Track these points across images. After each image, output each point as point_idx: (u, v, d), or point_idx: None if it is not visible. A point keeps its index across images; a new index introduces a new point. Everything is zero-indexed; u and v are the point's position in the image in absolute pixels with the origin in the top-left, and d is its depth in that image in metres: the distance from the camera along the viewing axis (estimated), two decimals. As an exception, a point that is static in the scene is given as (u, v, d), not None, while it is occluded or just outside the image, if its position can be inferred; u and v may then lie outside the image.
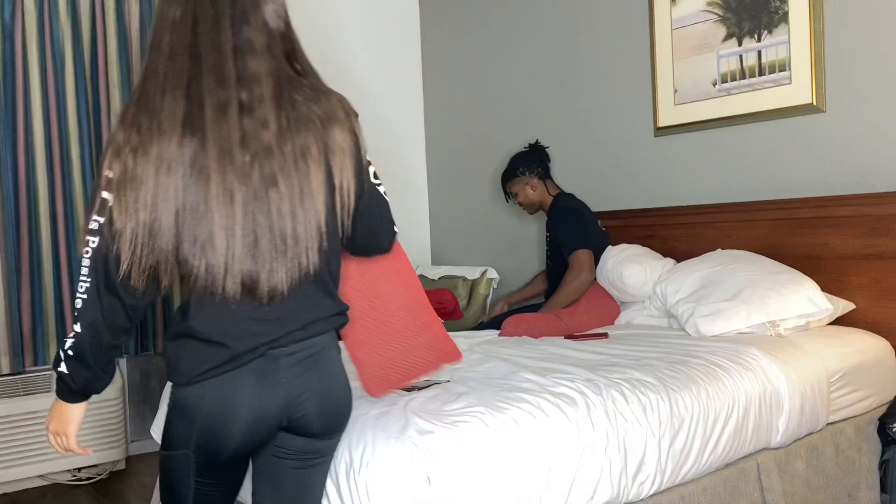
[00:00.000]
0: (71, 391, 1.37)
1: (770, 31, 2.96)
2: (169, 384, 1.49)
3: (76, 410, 1.40)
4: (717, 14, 3.13)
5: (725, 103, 3.11)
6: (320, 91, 1.35)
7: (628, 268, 2.97)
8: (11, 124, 3.39)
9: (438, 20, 4.61)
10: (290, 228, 1.28)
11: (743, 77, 3.05)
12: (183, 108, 1.23)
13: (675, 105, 3.30)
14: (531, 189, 3.31)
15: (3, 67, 3.36)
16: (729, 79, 3.10)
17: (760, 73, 3.00)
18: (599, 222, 3.30)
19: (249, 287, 1.28)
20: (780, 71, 2.93)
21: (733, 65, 3.09)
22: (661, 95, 3.35)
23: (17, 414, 3.18)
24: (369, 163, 1.44)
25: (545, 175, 3.33)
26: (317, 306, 1.38)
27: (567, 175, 3.84)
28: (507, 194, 3.41)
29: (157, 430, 2.33)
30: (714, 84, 3.15)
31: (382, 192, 1.48)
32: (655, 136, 3.42)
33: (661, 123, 3.36)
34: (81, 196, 3.51)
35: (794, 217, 2.87)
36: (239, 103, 1.25)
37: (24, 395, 3.24)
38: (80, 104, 3.52)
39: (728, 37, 3.10)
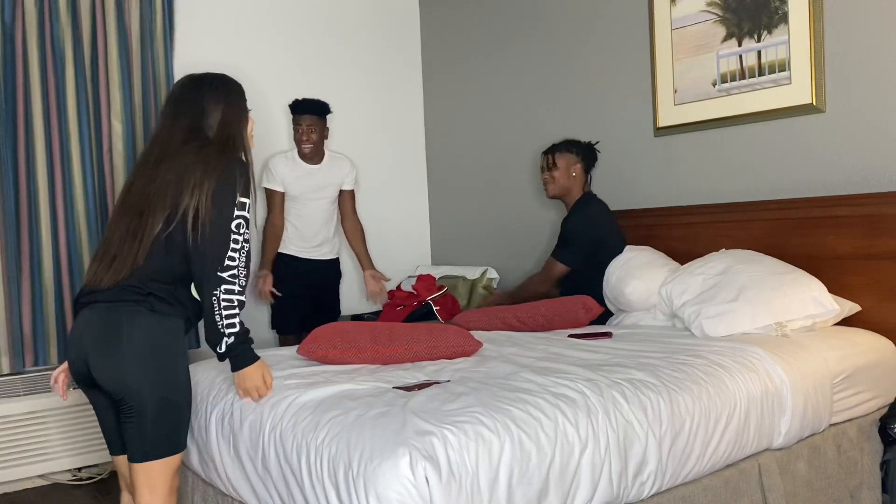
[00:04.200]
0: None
1: (770, 32, 2.96)
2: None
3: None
4: (716, 14, 3.13)
5: (725, 103, 3.11)
6: (215, 150, 1.98)
7: (628, 284, 2.95)
8: (11, 124, 3.38)
9: (438, 20, 4.61)
10: None
11: (743, 77, 3.05)
12: (149, 172, 2.00)
13: (675, 105, 3.30)
14: (572, 171, 3.30)
15: (4, 67, 3.35)
16: (729, 79, 3.10)
17: (760, 74, 3.00)
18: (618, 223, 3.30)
19: None
20: (779, 71, 2.93)
21: (733, 65, 3.09)
22: (660, 95, 3.35)
23: (17, 414, 3.18)
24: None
25: (587, 170, 3.35)
26: None
27: (567, 175, 3.84)
28: (547, 164, 3.32)
29: None
30: (714, 84, 3.15)
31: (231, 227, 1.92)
32: (655, 136, 3.42)
33: (661, 123, 3.36)
34: (81, 196, 3.50)
35: (793, 217, 2.87)
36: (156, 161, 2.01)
37: (24, 395, 3.24)
38: (80, 104, 3.51)
39: (728, 37, 3.10)
